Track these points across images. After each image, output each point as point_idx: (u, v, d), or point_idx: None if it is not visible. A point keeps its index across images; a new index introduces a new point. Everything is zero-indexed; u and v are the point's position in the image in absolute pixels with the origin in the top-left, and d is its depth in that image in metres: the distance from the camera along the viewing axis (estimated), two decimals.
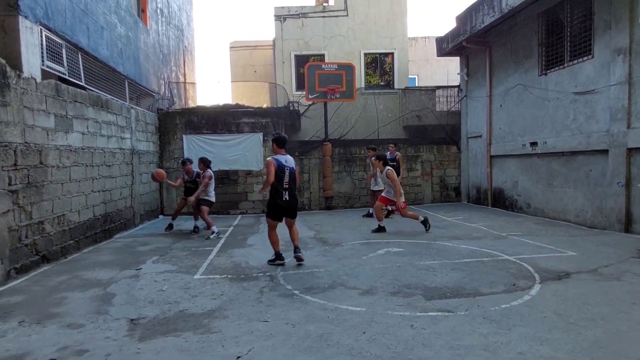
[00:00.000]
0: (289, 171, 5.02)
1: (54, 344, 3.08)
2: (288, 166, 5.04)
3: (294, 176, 5.09)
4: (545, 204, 8.61)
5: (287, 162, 5.06)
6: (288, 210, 5.17)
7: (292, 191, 5.11)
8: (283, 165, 5.00)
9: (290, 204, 5.14)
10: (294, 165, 5.14)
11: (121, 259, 5.87)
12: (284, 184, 5.00)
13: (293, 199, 5.16)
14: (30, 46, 5.42)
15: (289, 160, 5.12)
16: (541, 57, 8.54)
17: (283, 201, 5.04)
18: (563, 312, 3.46)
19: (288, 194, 5.05)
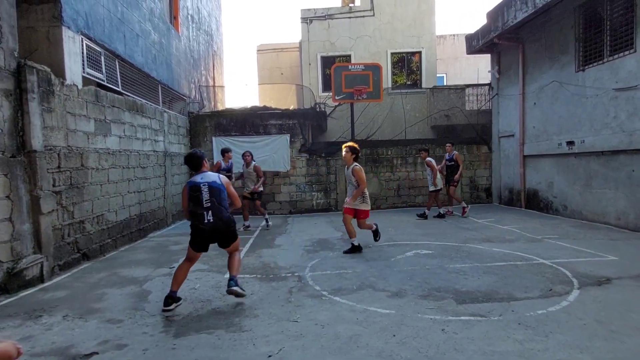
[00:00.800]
0: (207, 187, 3.89)
1: (95, 338, 3.23)
2: (204, 182, 3.92)
3: (218, 190, 3.91)
4: (583, 206, 8.24)
5: (204, 178, 3.96)
6: (214, 235, 3.93)
7: (219, 210, 3.88)
8: (197, 183, 3.91)
9: (214, 226, 3.86)
10: (216, 179, 3.98)
11: (155, 257, 6.08)
12: (204, 203, 3.85)
13: (220, 221, 3.87)
14: (72, 55, 5.72)
15: (207, 175, 4.01)
16: (578, 53, 8.18)
17: (205, 224, 3.84)
18: (604, 319, 3.30)
19: (212, 213, 3.86)
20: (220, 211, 3.90)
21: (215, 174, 4.11)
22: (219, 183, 3.96)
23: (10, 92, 4.57)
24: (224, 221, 3.91)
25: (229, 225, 3.96)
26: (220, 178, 4.05)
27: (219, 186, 3.95)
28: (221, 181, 4.01)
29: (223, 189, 3.97)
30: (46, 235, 4.97)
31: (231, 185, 4.14)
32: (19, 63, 4.70)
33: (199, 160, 4.09)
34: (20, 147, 4.68)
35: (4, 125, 4.47)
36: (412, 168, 11.48)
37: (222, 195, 3.96)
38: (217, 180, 3.99)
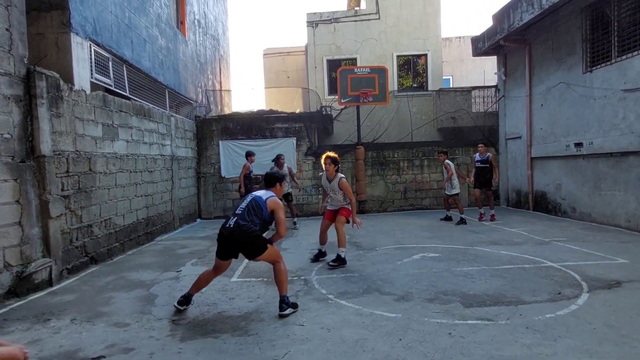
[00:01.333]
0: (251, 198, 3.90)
1: (102, 342, 3.26)
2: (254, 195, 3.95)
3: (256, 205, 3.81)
4: (592, 208, 8.13)
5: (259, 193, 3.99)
6: (230, 242, 3.72)
7: (243, 219, 3.71)
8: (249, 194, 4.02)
9: (230, 233, 3.67)
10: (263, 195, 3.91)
11: (162, 261, 6.12)
12: (237, 210, 3.82)
13: (238, 228, 3.65)
14: (81, 60, 5.80)
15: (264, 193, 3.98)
16: (586, 54, 8.10)
17: (225, 228, 3.73)
18: (614, 323, 3.25)
19: (235, 220, 3.71)
20: (244, 220, 3.71)
21: (269, 193, 4.00)
22: (262, 199, 3.85)
23: (20, 97, 4.65)
24: (242, 230, 3.65)
25: (246, 235, 3.65)
26: (268, 198, 3.89)
27: (259, 202, 3.84)
28: (265, 200, 3.85)
29: (263, 206, 3.82)
30: (55, 239, 5.03)
31: (282, 210, 3.93)
32: (28, 69, 4.77)
33: (274, 180, 4.14)
34: (29, 152, 4.74)
35: (13, 130, 4.54)
36: (419, 170, 11.44)
37: (258, 211, 3.79)
38: (263, 197, 3.89)
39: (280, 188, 4.17)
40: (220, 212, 11.11)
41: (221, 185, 11.10)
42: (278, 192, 4.12)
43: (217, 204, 11.14)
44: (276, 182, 4.15)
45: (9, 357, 1.63)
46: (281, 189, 4.18)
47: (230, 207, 11.12)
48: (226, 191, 11.11)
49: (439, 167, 11.44)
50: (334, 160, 5.48)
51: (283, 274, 3.84)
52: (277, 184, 4.14)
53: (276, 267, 3.87)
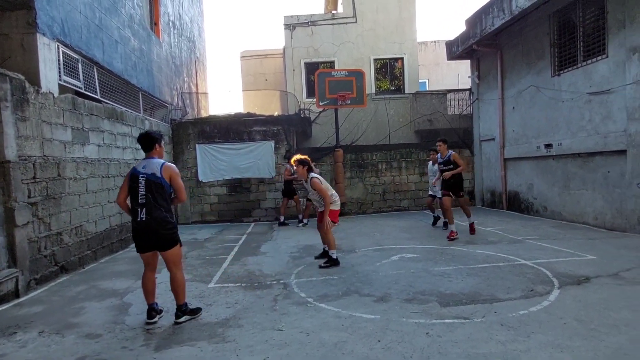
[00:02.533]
0: (145, 179, 3.53)
1: (72, 354, 3.13)
2: (144, 172, 3.55)
3: (156, 185, 3.52)
4: (562, 207, 8.44)
5: (146, 167, 3.59)
6: (145, 236, 3.55)
7: (154, 208, 3.49)
8: (137, 173, 3.57)
9: (146, 226, 3.50)
10: (157, 170, 3.55)
11: (137, 268, 5.92)
12: (139, 198, 3.52)
13: (154, 220, 3.48)
14: (48, 62, 5.59)
15: (151, 164, 3.60)
16: (554, 58, 8.42)
17: (137, 222, 3.53)
18: (584, 318, 3.36)
19: (145, 211, 3.50)
20: (154, 209, 3.50)
21: (160, 162, 3.62)
22: (158, 176, 3.53)
23: None
24: (157, 221, 3.50)
25: (162, 226, 3.52)
26: (162, 169, 3.56)
27: (158, 180, 3.53)
28: (162, 174, 3.55)
29: (163, 183, 3.55)
30: (21, 249, 4.80)
31: (179, 176, 3.71)
32: None
33: (151, 141, 3.68)
34: None
35: None
36: (397, 172, 11.58)
37: (161, 190, 3.54)
38: (158, 172, 3.54)
39: (160, 148, 3.76)
40: (198, 217, 10.92)
41: (198, 189, 10.90)
42: (160, 153, 3.75)
43: (194, 208, 10.94)
44: (154, 143, 3.70)
45: None
46: (161, 149, 3.78)
47: (209, 212, 10.94)
48: (204, 195, 10.92)
49: (417, 168, 11.64)
50: (301, 161, 5.48)
51: (180, 283, 3.70)
52: (156, 145, 3.71)
53: (173, 275, 3.69)
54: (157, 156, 3.73)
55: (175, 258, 3.71)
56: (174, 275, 3.70)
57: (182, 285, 3.72)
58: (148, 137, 3.72)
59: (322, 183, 5.48)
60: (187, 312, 3.71)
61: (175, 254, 3.71)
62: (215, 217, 10.94)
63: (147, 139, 3.71)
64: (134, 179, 3.59)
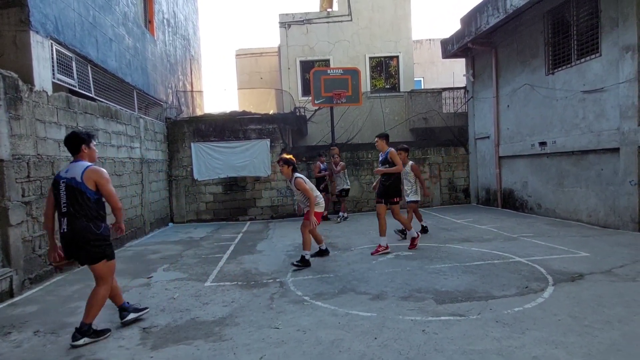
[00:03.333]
0: (65, 185, 3.20)
1: (68, 354, 3.11)
2: (65, 177, 3.22)
3: (76, 191, 3.17)
4: (556, 204, 8.51)
5: (69, 171, 3.23)
6: (69, 250, 3.27)
7: (74, 218, 3.17)
8: (58, 178, 3.24)
9: (69, 240, 3.22)
10: (78, 175, 3.18)
11: (132, 267, 5.92)
12: (62, 207, 3.21)
13: (73, 233, 3.18)
14: (42, 60, 5.53)
15: (74, 167, 3.24)
16: (548, 57, 8.47)
17: (61, 234, 3.25)
18: (578, 314, 3.40)
19: (67, 222, 3.19)
20: (75, 219, 3.16)
21: (84, 165, 3.24)
22: (78, 181, 3.16)
23: None
24: (76, 232, 3.16)
25: (82, 239, 3.17)
26: (84, 173, 3.17)
27: (78, 185, 3.15)
28: (83, 179, 3.16)
29: (84, 189, 3.16)
30: (15, 248, 4.77)
31: (106, 181, 3.26)
32: None
33: (76, 142, 3.29)
34: None
35: None
36: None
37: (83, 197, 3.18)
38: (79, 177, 3.16)
39: (90, 150, 3.37)
40: (193, 216, 10.88)
41: (194, 188, 10.87)
42: (90, 155, 3.37)
43: (189, 207, 10.91)
44: (80, 144, 3.31)
45: None
46: (91, 151, 3.39)
47: (204, 210, 10.91)
48: (199, 194, 10.89)
49: None
50: (286, 161, 5.45)
51: (99, 300, 3.30)
52: (83, 146, 3.32)
53: (95, 290, 3.32)
54: (86, 159, 3.34)
55: (102, 274, 3.31)
56: (96, 290, 3.32)
57: (99, 303, 3.31)
58: (73, 138, 3.33)
59: (306, 183, 5.42)
60: (88, 333, 3.24)
61: (101, 270, 3.30)
62: (211, 215, 10.91)
63: (72, 140, 3.32)
64: (55, 185, 3.25)
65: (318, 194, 5.59)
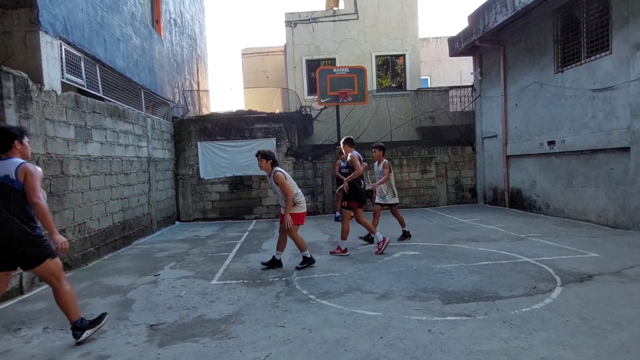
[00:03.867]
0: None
1: (77, 350, 3.15)
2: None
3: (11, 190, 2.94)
4: (565, 204, 8.42)
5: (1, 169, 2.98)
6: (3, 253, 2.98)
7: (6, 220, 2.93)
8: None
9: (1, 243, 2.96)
10: (12, 171, 2.94)
11: (140, 265, 5.97)
12: None
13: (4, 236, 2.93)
14: (51, 60, 5.59)
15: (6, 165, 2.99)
16: (557, 55, 8.38)
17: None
18: (586, 315, 3.36)
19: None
20: (7, 220, 2.92)
21: (18, 162, 3.00)
22: (13, 179, 2.92)
23: None
24: (8, 236, 2.91)
25: (17, 242, 2.94)
26: (18, 170, 2.94)
27: (13, 183, 2.93)
28: (17, 176, 2.93)
29: (19, 187, 2.94)
30: None
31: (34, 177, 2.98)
32: None
33: (7, 138, 3.05)
34: None
35: None
36: (399, 170, 11.56)
37: (16, 196, 2.95)
38: (13, 174, 2.93)
39: (22, 146, 3.13)
40: (200, 215, 10.94)
41: (200, 187, 10.93)
42: (22, 152, 3.13)
43: (196, 205, 10.97)
44: (12, 140, 3.06)
45: None
46: (24, 147, 3.15)
47: (210, 209, 10.97)
48: (205, 193, 10.95)
49: (419, 166, 11.63)
50: (264, 155, 5.11)
51: (67, 296, 3.15)
52: (15, 142, 3.07)
53: (56, 288, 3.12)
54: (18, 155, 3.09)
55: (52, 271, 3.11)
56: (56, 289, 3.12)
57: (70, 299, 3.17)
58: (3, 133, 3.08)
59: (286, 179, 5.04)
60: (85, 326, 3.22)
61: (49, 268, 3.09)
62: (217, 214, 10.96)
63: (2, 135, 3.06)
64: None
65: (298, 192, 5.20)
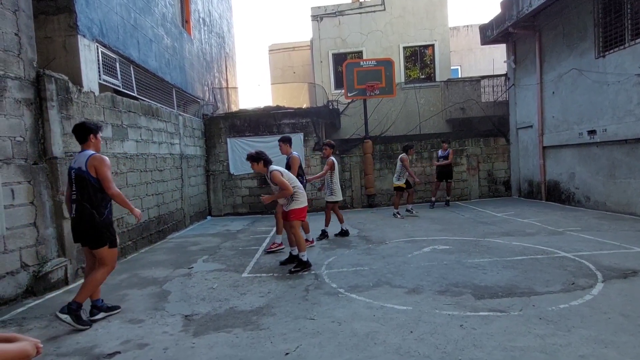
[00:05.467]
0: (74, 174, 3.49)
1: (117, 338, 3.32)
2: (73, 167, 3.52)
3: (83, 180, 3.43)
4: (607, 197, 7.98)
5: (76, 161, 3.52)
6: (75, 234, 3.57)
7: (80, 205, 3.46)
8: (70, 168, 3.56)
9: (75, 224, 3.52)
10: (83, 164, 3.45)
11: (174, 258, 6.20)
12: (72, 194, 3.53)
13: (79, 218, 3.47)
14: (89, 62, 5.86)
15: (80, 157, 3.51)
16: (598, 39, 7.91)
17: (71, 219, 3.58)
18: (630, 313, 3.19)
19: (75, 208, 3.50)
20: (81, 206, 3.45)
21: (88, 154, 3.47)
22: (84, 170, 3.44)
23: (31, 101, 4.72)
24: (81, 219, 3.46)
25: (86, 224, 3.45)
26: (88, 161, 3.42)
27: (83, 174, 3.43)
28: (87, 167, 3.42)
29: (88, 177, 3.42)
30: (69, 240, 5.10)
31: (105, 166, 3.45)
32: (37, 73, 4.84)
33: (84, 131, 3.53)
34: (41, 154, 4.83)
35: (25, 133, 4.62)
36: (428, 163, 11.34)
37: (87, 185, 3.43)
38: (84, 166, 3.44)
39: (96, 140, 3.60)
40: (230, 209, 11.19)
41: (230, 182, 11.17)
42: (96, 145, 3.58)
43: (226, 200, 11.23)
44: (88, 134, 3.54)
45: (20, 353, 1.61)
46: (97, 141, 3.61)
47: (240, 204, 11.19)
48: (235, 188, 11.18)
49: None
50: (253, 157, 4.97)
51: (95, 282, 3.52)
52: (91, 136, 3.55)
53: (97, 271, 3.53)
54: (92, 149, 3.57)
55: (104, 258, 3.56)
56: (95, 271, 3.56)
57: (93, 285, 3.53)
58: (81, 127, 3.55)
59: (283, 175, 4.93)
60: (74, 311, 3.43)
61: (103, 255, 3.55)
62: (247, 209, 11.17)
63: (80, 129, 3.55)
64: (68, 174, 3.57)
65: (298, 185, 5.05)
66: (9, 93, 4.43)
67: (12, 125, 4.45)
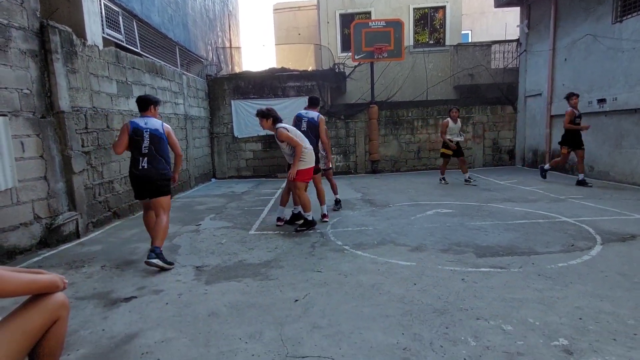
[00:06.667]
0: (149, 134, 3.94)
1: (133, 285, 3.46)
2: (147, 128, 3.95)
3: (158, 139, 3.97)
4: (611, 167, 7.99)
5: (148, 124, 3.98)
6: (145, 183, 3.94)
7: (155, 160, 3.95)
8: (140, 128, 3.95)
9: (146, 174, 3.91)
10: (160, 127, 4.02)
11: (182, 216, 6.32)
12: (142, 149, 3.92)
13: (154, 170, 3.93)
14: (92, 15, 5.71)
15: (152, 121, 4.02)
16: (616, 2, 7.62)
17: (139, 170, 3.93)
18: (627, 272, 3.30)
19: (147, 160, 3.93)
20: (156, 160, 3.97)
21: (160, 122, 4.08)
22: (161, 132, 4.00)
23: (36, 52, 4.65)
24: (158, 170, 3.95)
25: (162, 176, 3.98)
26: (163, 127, 4.06)
27: (160, 135, 3.99)
28: (163, 130, 4.03)
29: (164, 139, 4.03)
30: (79, 194, 5.21)
31: (174, 133, 4.18)
32: (41, 23, 4.74)
33: (148, 102, 4.09)
34: (49, 108, 4.82)
35: (32, 86, 4.59)
36: (433, 130, 11.27)
37: (162, 145, 4.01)
38: (160, 128, 4.01)
39: (155, 111, 4.14)
40: (234, 172, 11.26)
41: (234, 145, 11.16)
42: (154, 114, 4.13)
43: (230, 163, 11.27)
44: (150, 104, 4.10)
45: (50, 283, 1.76)
46: (155, 112, 4.14)
47: (244, 167, 11.25)
48: (239, 151, 11.19)
49: None
50: (262, 114, 4.80)
51: (165, 226, 3.93)
52: (152, 107, 4.10)
53: (160, 218, 3.95)
54: (151, 116, 4.09)
55: (166, 205, 4.04)
56: (161, 219, 3.95)
57: (164, 229, 3.93)
58: (146, 98, 4.13)
59: (289, 131, 4.81)
60: (159, 256, 3.74)
61: (166, 202, 4.05)
62: (251, 172, 11.24)
63: (145, 100, 4.11)
64: (137, 132, 3.93)
65: (307, 146, 4.92)
66: (13, 43, 4.36)
67: (18, 77, 4.41)
